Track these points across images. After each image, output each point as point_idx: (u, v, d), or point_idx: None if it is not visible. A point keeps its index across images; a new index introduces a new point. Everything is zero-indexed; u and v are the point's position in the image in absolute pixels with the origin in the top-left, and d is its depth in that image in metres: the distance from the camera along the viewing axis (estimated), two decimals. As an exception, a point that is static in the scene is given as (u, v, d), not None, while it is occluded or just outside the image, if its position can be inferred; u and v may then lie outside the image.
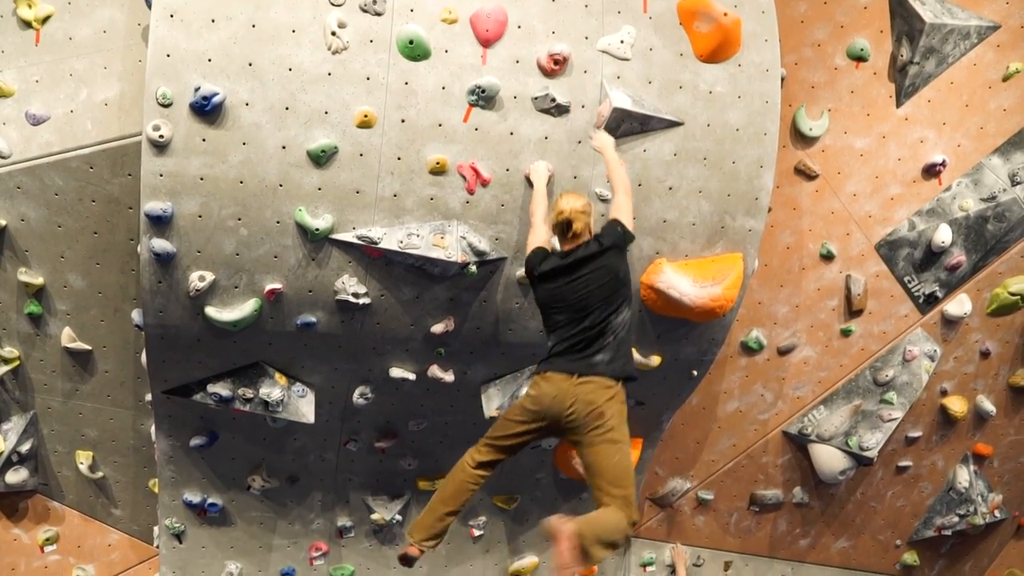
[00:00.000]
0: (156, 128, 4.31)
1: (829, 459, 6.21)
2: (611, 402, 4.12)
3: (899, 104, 5.76)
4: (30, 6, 4.85)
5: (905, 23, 5.58)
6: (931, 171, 5.86)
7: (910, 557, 6.94)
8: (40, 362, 5.38)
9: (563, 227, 4.29)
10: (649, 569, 6.54)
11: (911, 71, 5.65)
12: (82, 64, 4.88)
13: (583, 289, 4.22)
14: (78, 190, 4.92)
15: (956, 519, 6.72)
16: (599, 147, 4.67)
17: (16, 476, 5.57)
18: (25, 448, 5.52)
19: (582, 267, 4.24)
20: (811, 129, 5.69)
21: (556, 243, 4.48)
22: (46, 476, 5.73)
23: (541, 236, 4.48)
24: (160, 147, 4.36)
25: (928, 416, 6.41)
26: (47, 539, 5.82)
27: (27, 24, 4.86)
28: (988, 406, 6.45)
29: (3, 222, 4.94)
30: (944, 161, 5.83)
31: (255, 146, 4.44)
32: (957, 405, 6.38)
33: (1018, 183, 5.86)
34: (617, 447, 4.11)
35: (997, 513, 6.79)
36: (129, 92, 4.83)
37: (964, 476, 6.66)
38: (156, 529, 5.82)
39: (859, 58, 5.67)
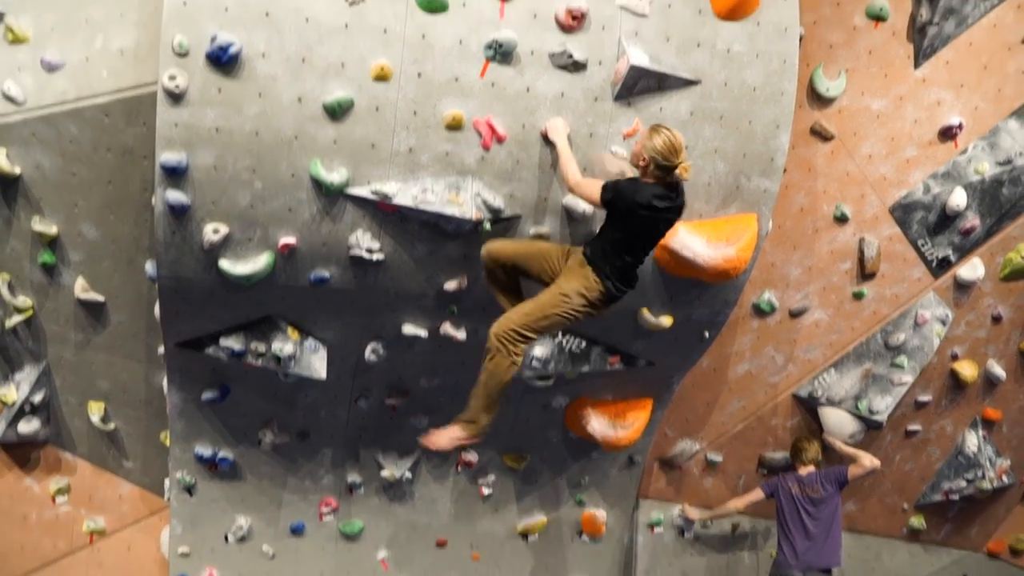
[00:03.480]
0: (172, 78, 4.28)
1: (839, 422, 6.23)
2: None
3: (917, 65, 5.70)
4: (47, -50, 4.80)
5: (926, -18, 5.52)
6: (947, 133, 5.81)
7: (917, 521, 6.97)
8: (53, 312, 5.39)
9: (672, 168, 4.23)
10: (657, 530, 6.58)
11: (930, 31, 5.58)
12: (98, 11, 4.81)
13: (667, 225, 4.41)
14: (93, 139, 4.89)
15: (964, 484, 6.75)
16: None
17: (28, 426, 5.60)
18: (38, 398, 5.55)
19: (676, 208, 4.39)
20: (828, 89, 5.63)
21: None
22: (58, 427, 5.76)
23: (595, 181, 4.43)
24: (176, 97, 4.33)
25: (938, 380, 6.42)
26: (59, 490, 5.87)
27: (43, -31, 4.81)
28: (998, 371, 6.45)
29: (18, 170, 4.92)
30: (961, 123, 5.78)
31: (271, 98, 4.42)
32: (967, 370, 6.38)
33: (1035, 147, 5.83)
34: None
35: (1005, 478, 6.81)
36: (145, 40, 4.76)
37: (973, 441, 6.68)
38: (167, 482, 5.87)
39: (878, 18, 5.60)
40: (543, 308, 4.35)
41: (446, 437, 4.43)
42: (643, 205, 4.19)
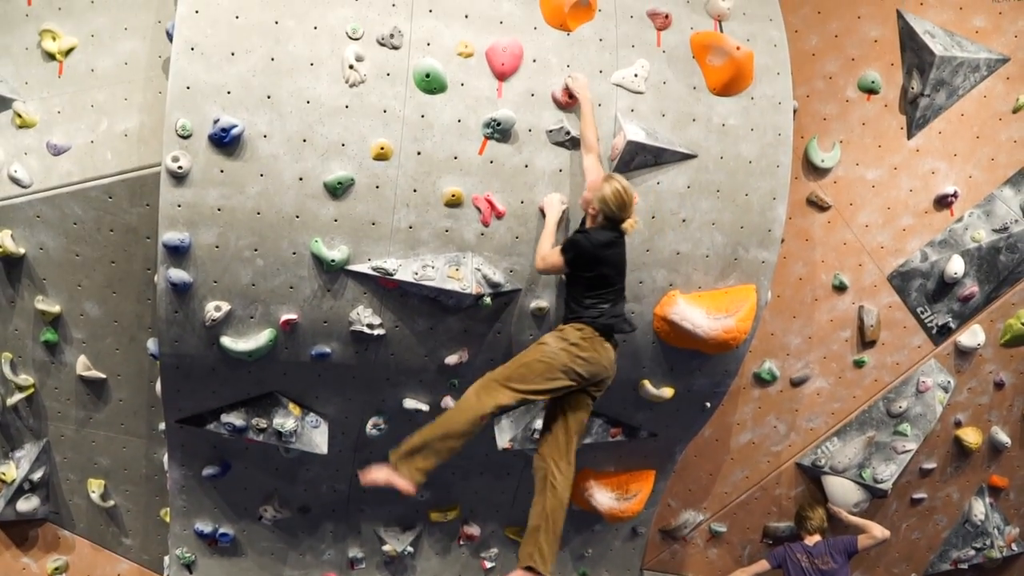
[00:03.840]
0: (175, 159, 4.35)
1: (843, 491, 6.17)
2: None
3: (910, 136, 5.79)
4: (54, 39, 4.93)
5: (915, 56, 5.63)
6: (943, 202, 5.88)
7: (926, 591, 6.89)
8: (55, 390, 5.39)
9: (626, 208, 4.31)
10: (662, 602, 6.50)
11: (922, 103, 5.68)
12: (103, 95, 4.94)
13: (623, 258, 4.44)
14: (96, 219, 4.96)
15: (972, 552, 6.67)
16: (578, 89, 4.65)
17: (27, 504, 5.56)
18: (37, 476, 5.52)
19: (623, 242, 4.43)
20: (823, 161, 5.71)
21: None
22: (57, 504, 5.72)
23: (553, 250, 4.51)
24: (179, 178, 4.39)
25: (942, 448, 6.38)
26: (56, 568, 5.80)
27: (51, 56, 4.93)
28: (1003, 437, 6.42)
29: (22, 251, 4.98)
30: (955, 192, 5.85)
31: (272, 177, 4.48)
32: (972, 436, 6.35)
33: (1030, 214, 5.89)
34: None
35: (1014, 547, 6.72)
36: (149, 123, 4.87)
37: (980, 508, 6.62)
38: (167, 559, 5.80)
39: (870, 90, 5.71)
40: (521, 357, 4.36)
41: (385, 476, 4.28)
42: (605, 244, 4.31)
